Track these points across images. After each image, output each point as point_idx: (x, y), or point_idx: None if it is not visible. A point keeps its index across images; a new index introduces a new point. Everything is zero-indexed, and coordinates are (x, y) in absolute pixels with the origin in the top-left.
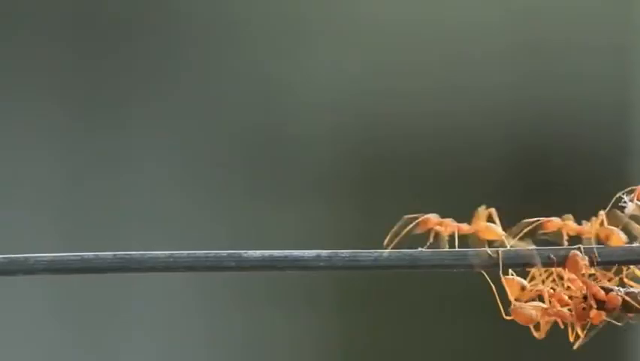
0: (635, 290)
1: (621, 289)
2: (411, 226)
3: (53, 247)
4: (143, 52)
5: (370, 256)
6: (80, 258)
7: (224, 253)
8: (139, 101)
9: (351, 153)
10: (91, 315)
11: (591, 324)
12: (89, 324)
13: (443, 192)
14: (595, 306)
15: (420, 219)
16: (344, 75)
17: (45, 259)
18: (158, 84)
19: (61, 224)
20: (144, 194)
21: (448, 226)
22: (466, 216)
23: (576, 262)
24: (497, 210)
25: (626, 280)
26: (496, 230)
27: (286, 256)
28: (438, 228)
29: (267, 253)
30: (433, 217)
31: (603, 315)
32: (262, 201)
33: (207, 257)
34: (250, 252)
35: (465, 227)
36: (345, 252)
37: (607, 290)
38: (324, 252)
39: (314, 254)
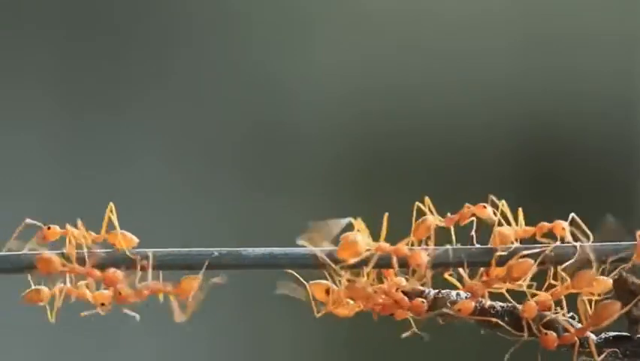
0: (446, 293)
1: (432, 291)
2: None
3: (48, 245)
4: (141, 49)
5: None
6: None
7: (223, 250)
8: (137, 99)
9: (352, 149)
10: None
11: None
12: (86, 323)
13: (446, 188)
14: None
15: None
16: (344, 71)
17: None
18: (156, 82)
19: (56, 223)
20: (142, 191)
21: None
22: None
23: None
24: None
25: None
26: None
27: (287, 254)
28: None
29: (267, 250)
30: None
31: (408, 314)
32: (262, 198)
33: (206, 255)
34: (250, 249)
35: None
36: None
37: (415, 294)
38: (325, 249)
39: (315, 251)
